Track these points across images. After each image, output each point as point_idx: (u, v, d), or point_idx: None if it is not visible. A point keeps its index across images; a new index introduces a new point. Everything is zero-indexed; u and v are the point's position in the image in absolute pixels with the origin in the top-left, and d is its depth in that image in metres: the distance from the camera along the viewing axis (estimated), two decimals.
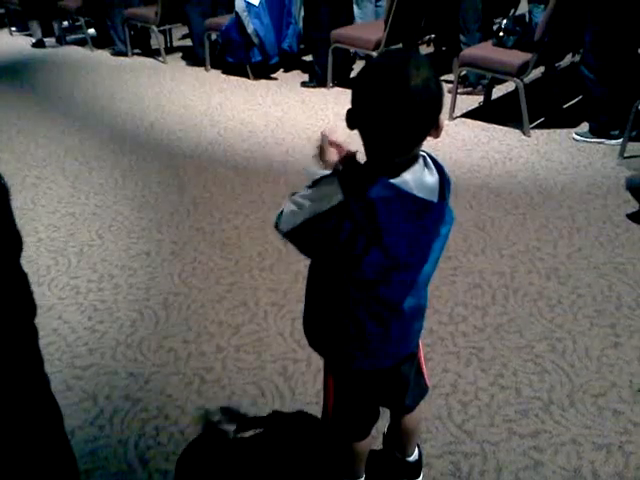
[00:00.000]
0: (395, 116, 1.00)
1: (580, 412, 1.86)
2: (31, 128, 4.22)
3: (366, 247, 1.08)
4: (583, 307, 2.31)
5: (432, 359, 2.06)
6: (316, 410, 1.87)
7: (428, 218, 1.11)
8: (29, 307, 1.24)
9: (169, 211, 3.07)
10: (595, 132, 3.72)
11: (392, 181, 1.06)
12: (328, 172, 1.13)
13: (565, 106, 4.39)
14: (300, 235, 1.13)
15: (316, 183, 1.12)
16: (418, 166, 1.09)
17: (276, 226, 1.16)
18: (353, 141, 1.13)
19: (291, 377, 2.01)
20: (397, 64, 1.01)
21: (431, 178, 1.10)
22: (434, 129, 1.06)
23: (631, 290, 2.40)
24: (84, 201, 3.19)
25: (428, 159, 1.12)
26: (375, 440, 1.66)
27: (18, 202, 3.19)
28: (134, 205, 3.14)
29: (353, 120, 1.07)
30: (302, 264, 2.43)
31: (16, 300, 1.21)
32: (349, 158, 1.13)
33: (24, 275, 1.23)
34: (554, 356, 2.08)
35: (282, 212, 1.15)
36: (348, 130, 1.10)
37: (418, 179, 1.08)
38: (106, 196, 3.24)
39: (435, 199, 1.10)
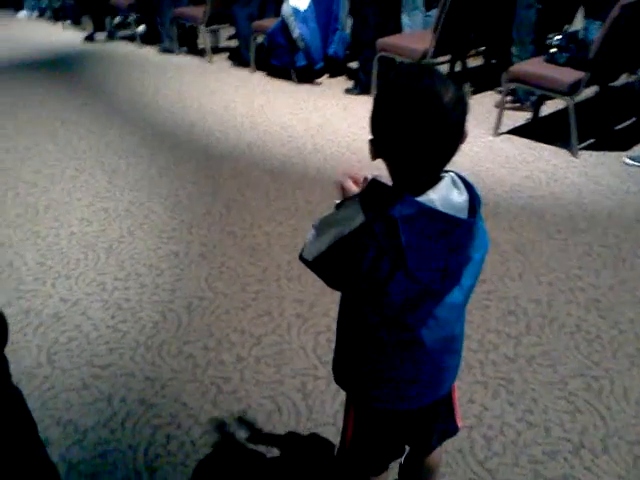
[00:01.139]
0: (431, 136, 0.95)
1: (613, 459, 1.74)
2: (75, 120, 4.27)
3: (391, 271, 1.01)
4: (624, 344, 2.18)
5: (459, 388, 1.95)
6: (332, 432, 1.80)
7: (456, 237, 1.02)
8: None
9: (201, 212, 3.05)
10: None
11: (417, 199, 0.99)
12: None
13: (617, 128, 4.21)
14: (325, 263, 1.07)
15: (339, 207, 1.06)
16: (444, 185, 1.02)
17: (300, 257, 1.10)
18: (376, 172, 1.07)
19: (310, 395, 1.94)
20: (424, 83, 0.96)
21: (459, 197, 1.03)
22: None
23: None
24: (119, 197, 3.20)
25: (456, 178, 1.05)
26: (392, 472, 1.58)
27: (55, 194, 3.22)
28: (167, 204, 3.13)
29: (379, 148, 1.01)
30: None
31: None
32: (371, 179, 1.06)
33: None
34: (589, 395, 1.96)
35: (306, 242, 1.10)
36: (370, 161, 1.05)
37: (444, 198, 1.01)
38: (141, 193, 3.24)
39: (464, 216, 1.02)
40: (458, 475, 1.69)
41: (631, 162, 3.63)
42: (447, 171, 1.05)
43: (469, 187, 1.05)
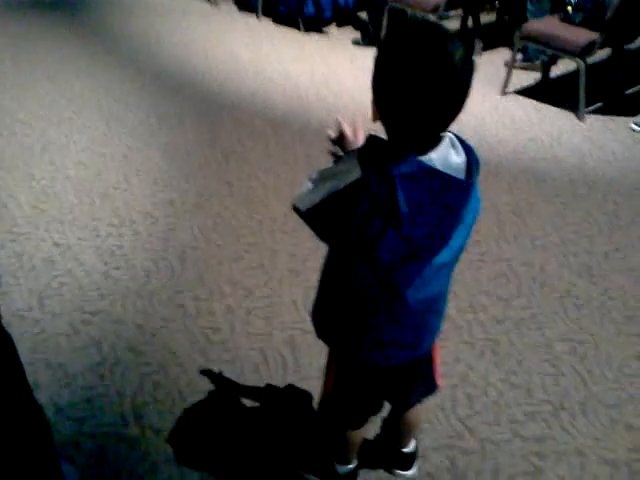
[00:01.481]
0: (441, 96, 0.93)
1: (591, 422, 1.77)
2: (75, 61, 4.18)
3: (383, 228, 1.00)
4: (612, 311, 2.19)
5: (445, 347, 1.98)
6: (317, 385, 1.82)
7: (452, 198, 1.02)
8: None
9: (199, 161, 3.02)
10: None
11: (417, 158, 0.98)
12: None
13: (627, 93, 4.12)
14: (317, 215, 1.07)
15: (336, 161, 1.05)
16: (444, 145, 1.02)
17: (294, 207, 1.10)
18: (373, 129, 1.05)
19: (298, 348, 1.97)
20: (435, 41, 0.93)
21: (457, 158, 1.02)
22: None
23: None
24: (116, 142, 3.16)
25: (455, 139, 1.04)
26: (372, 425, 1.61)
27: (52, 136, 3.19)
28: (165, 151, 3.10)
29: (384, 108, 0.99)
30: None
31: None
32: (370, 135, 1.05)
33: None
34: (573, 359, 1.98)
35: (300, 193, 1.09)
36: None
37: (443, 158, 1.00)
38: (138, 139, 3.20)
39: (462, 177, 1.02)
40: (438, 431, 1.73)
41: (637, 128, 3.56)
42: (447, 132, 1.03)
43: (467, 149, 1.04)
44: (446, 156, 1.01)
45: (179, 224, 2.54)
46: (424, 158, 0.99)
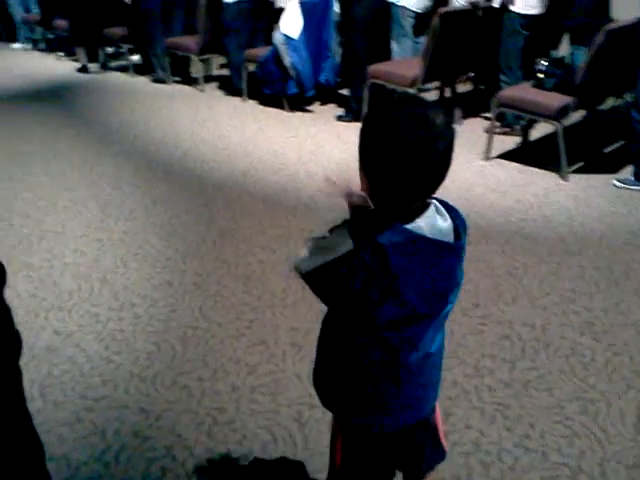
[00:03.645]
0: (425, 163, 0.97)
1: None
2: (68, 151, 4.29)
3: (381, 297, 1.02)
4: (619, 367, 2.18)
5: (454, 414, 1.96)
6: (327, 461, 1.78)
7: (445, 262, 1.06)
8: (12, 343, 1.19)
9: (195, 241, 3.05)
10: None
11: (405, 226, 1.02)
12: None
13: (606, 151, 4.27)
14: (317, 278, 1.08)
15: (331, 231, 1.07)
16: (430, 211, 1.05)
17: (295, 268, 1.10)
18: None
19: (305, 424, 1.93)
20: (418, 110, 0.98)
21: (444, 223, 1.06)
22: None
23: None
24: (112, 227, 3.20)
25: (439, 205, 1.08)
26: None
27: (49, 225, 3.22)
28: (161, 233, 3.13)
29: (371, 178, 1.03)
30: None
31: None
32: (359, 205, 1.07)
33: (7, 309, 1.18)
34: (585, 419, 1.96)
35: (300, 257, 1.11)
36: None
37: (432, 224, 1.04)
38: (134, 223, 3.25)
39: (451, 240, 1.05)
40: None
41: (620, 184, 3.67)
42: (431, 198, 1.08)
43: (453, 212, 1.08)
44: (433, 222, 1.05)
45: (179, 305, 2.54)
46: (412, 226, 1.02)
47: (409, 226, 1.02)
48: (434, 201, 1.08)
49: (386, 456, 1.30)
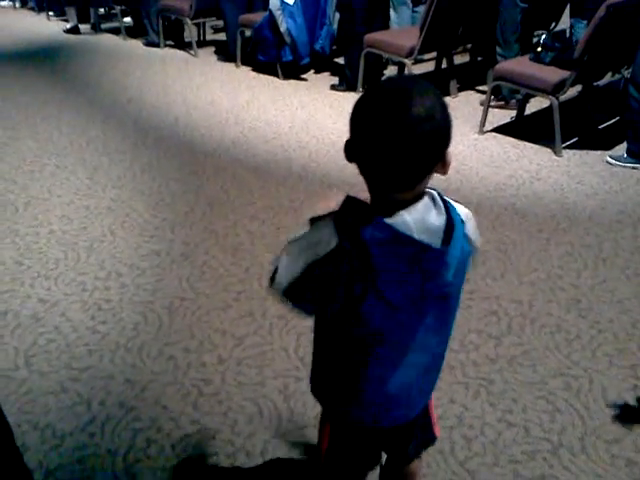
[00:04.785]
0: (393, 148, 0.90)
1: (591, 459, 1.76)
2: (56, 115, 4.21)
3: (363, 292, 0.99)
4: (603, 344, 2.20)
5: (439, 388, 1.97)
6: (314, 434, 1.79)
7: (427, 265, 0.99)
8: None
9: (184, 210, 3.03)
10: (634, 155, 3.57)
11: (388, 221, 0.95)
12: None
13: (600, 127, 4.24)
14: (299, 287, 1.02)
15: (313, 225, 1.02)
16: (422, 205, 0.97)
17: (272, 289, 1.06)
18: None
19: (291, 396, 1.94)
20: (399, 90, 0.92)
21: (437, 219, 0.98)
22: (440, 165, 0.96)
23: None
24: (100, 194, 3.16)
25: (437, 197, 1.00)
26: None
27: (34, 191, 3.18)
28: (149, 202, 3.10)
29: (351, 152, 0.97)
30: None
31: None
32: (346, 197, 1.02)
33: None
34: (568, 395, 1.98)
35: (276, 270, 1.05)
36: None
37: (420, 220, 0.96)
38: (122, 190, 3.21)
39: (436, 243, 0.97)
40: (439, 476, 1.70)
41: (613, 161, 3.65)
42: (430, 189, 1.01)
43: (449, 209, 1.00)
44: (424, 217, 0.97)
45: (166, 275, 2.53)
46: (397, 220, 0.95)
47: (391, 220, 0.95)
48: (434, 192, 1.00)
49: (374, 446, 1.30)
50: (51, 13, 7.41)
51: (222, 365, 2.06)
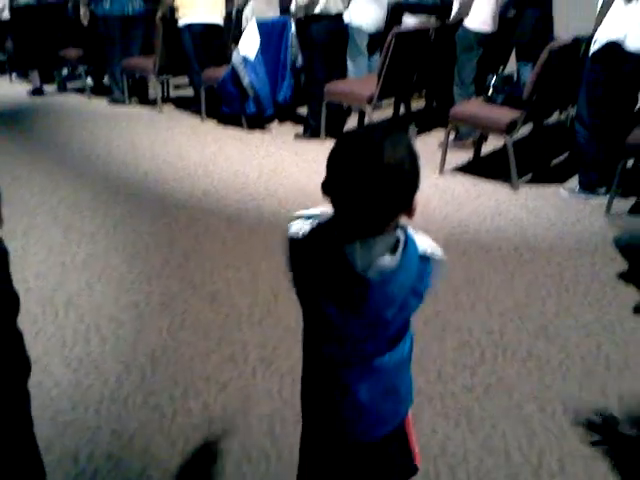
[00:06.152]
0: (363, 190, 0.99)
1: (570, 478, 1.83)
2: (26, 176, 4.24)
3: (301, 299, 1.17)
4: (571, 367, 2.31)
5: (421, 420, 2.03)
6: None
7: (360, 295, 1.06)
8: (23, 367, 1.25)
9: (159, 262, 3.07)
10: (586, 187, 3.78)
11: (345, 246, 1.04)
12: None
13: (553, 162, 4.48)
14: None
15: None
16: (381, 242, 1.04)
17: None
18: None
19: (278, 439, 1.97)
20: (374, 139, 1.01)
21: (388, 261, 1.04)
22: (406, 210, 1.05)
23: (619, 350, 2.40)
24: (75, 250, 3.19)
25: (405, 244, 1.06)
26: None
27: (9, 250, 3.18)
28: (125, 255, 3.14)
29: (326, 189, 1.06)
30: (292, 319, 2.43)
31: (10, 360, 1.23)
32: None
33: (20, 335, 1.25)
34: (543, 417, 2.06)
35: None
36: None
37: (367, 254, 1.03)
38: (97, 246, 3.24)
39: (374, 277, 1.04)
40: None
41: (567, 194, 3.86)
42: (403, 229, 1.08)
43: (409, 256, 1.06)
44: (372, 252, 1.03)
45: (146, 325, 2.56)
46: (349, 247, 1.04)
47: (346, 246, 1.03)
48: (401, 237, 1.06)
49: (355, 468, 1.33)
50: (14, 75, 7.47)
51: (208, 411, 2.09)
